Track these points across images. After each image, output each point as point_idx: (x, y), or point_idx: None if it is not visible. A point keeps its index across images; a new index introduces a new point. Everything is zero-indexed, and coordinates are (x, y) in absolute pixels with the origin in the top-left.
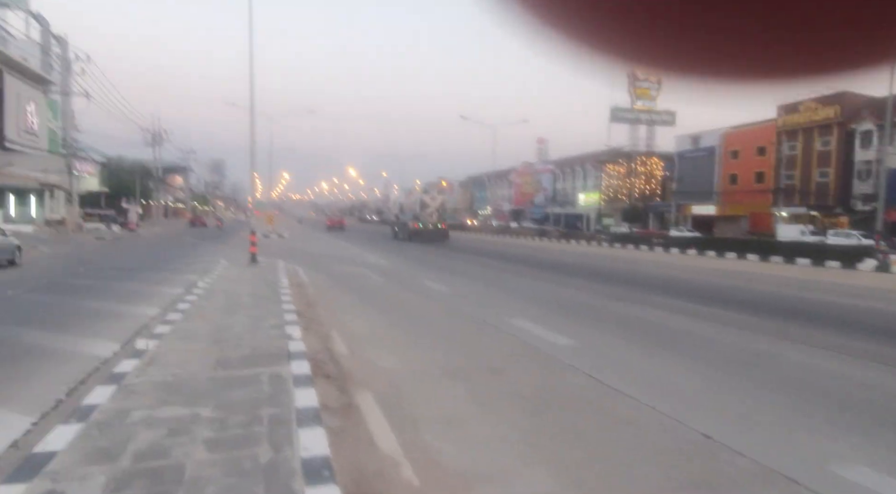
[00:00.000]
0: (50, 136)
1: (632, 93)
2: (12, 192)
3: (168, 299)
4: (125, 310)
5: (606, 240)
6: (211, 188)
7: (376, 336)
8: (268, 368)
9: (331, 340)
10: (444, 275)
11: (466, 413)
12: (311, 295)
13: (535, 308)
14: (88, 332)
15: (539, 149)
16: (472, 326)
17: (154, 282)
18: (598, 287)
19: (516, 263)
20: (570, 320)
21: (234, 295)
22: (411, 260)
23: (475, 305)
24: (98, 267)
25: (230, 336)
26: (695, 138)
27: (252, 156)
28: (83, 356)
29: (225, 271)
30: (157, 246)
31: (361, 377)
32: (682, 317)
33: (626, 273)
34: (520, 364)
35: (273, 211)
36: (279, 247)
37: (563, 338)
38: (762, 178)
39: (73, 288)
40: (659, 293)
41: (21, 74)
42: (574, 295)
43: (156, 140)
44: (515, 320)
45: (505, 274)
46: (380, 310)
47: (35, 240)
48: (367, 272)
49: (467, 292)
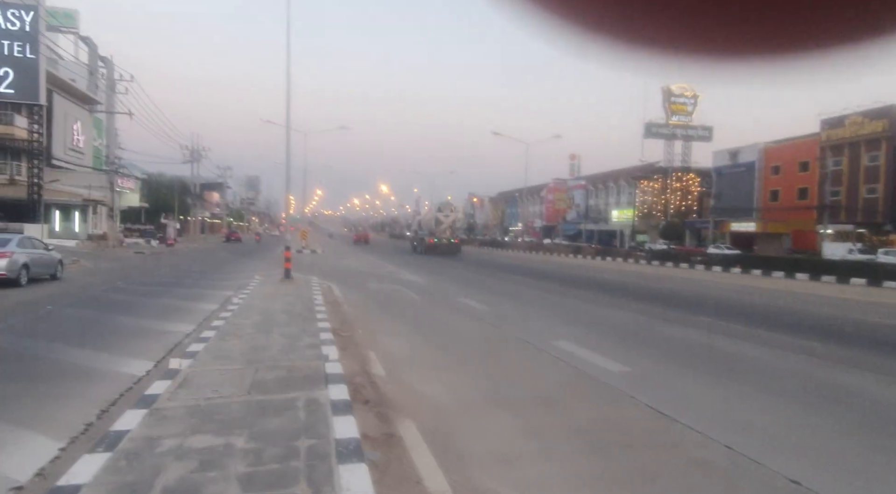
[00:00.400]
0: (94, 154)
1: (667, 109)
2: (57, 208)
3: (203, 315)
4: (160, 327)
5: (644, 258)
6: (246, 204)
7: (416, 357)
8: (304, 392)
9: (368, 362)
10: (482, 294)
11: (520, 449)
12: (347, 313)
13: (579, 329)
14: (123, 350)
15: (571, 165)
16: (515, 348)
17: (190, 298)
18: (642, 306)
19: (553, 281)
20: (618, 343)
21: (269, 313)
22: (446, 277)
23: (516, 325)
24: (136, 282)
25: (265, 356)
26: (733, 153)
27: (287, 174)
28: (116, 375)
29: (259, 287)
30: (193, 261)
31: (402, 403)
32: (741, 342)
33: (670, 292)
34: (573, 393)
35: (306, 227)
36: (312, 262)
37: (615, 364)
38: (805, 194)
39: (111, 304)
40: (709, 314)
41: (69, 94)
42: (618, 315)
43: (194, 157)
44: (561, 342)
45: (544, 293)
46: (417, 330)
47: (77, 255)
48: (402, 289)
49: (506, 311)
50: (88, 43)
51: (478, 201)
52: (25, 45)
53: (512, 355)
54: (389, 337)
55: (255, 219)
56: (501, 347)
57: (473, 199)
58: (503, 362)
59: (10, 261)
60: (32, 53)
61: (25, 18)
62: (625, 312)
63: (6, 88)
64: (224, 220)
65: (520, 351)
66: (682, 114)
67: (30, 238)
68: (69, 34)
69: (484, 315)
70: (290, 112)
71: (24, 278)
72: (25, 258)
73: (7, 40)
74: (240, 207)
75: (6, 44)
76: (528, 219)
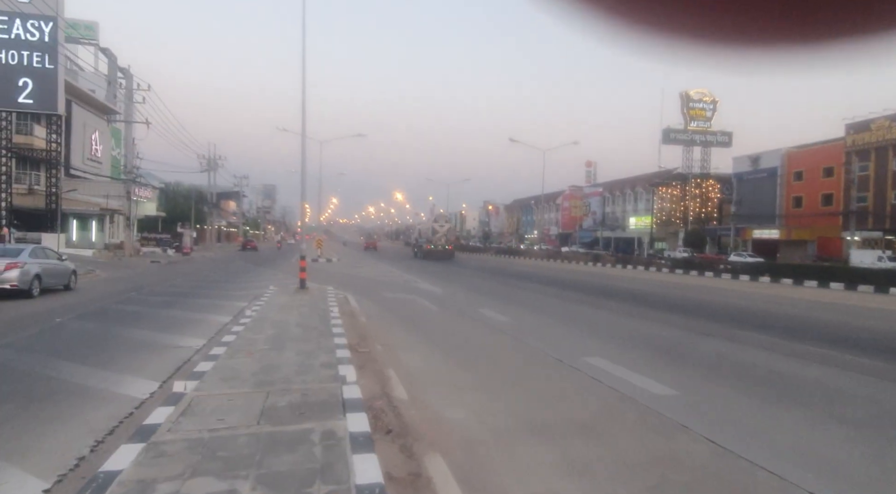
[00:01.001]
0: (113, 163)
1: (685, 115)
2: (75, 217)
3: (215, 329)
4: (170, 341)
5: (666, 266)
6: (262, 212)
7: (439, 376)
8: (320, 423)
9: (389, 382)
10: (502, 304)
11: (565, 491)
12: (364, 326)
13: (610, 344)
14: (128, 368)
15: (587, 172)
16: (545, 366)
17: (203, 309)
18: (674, 318)
19: (575, 290)
20: (656, 361)
21: (283, 326)
22: (464, 286)
23: (543, 340)
24: (149, 293)
25: (277, 377)
26: (754, 159)
27: (302, 182)
28: (118, 397)
29: (274, 298)
30: (209, 270)
31: (428, 433)
32: (792, 360)
33: (700, 303)
34: (616, 420)
35: (321, 235)
36: (328, 271)
37: (659, 385)
38: (830, 201)
39: (121, 316)
40: (751, 328)
41: (87, 104)
42: (649, 328)
43: (211, 166)
44: (593, 359)
45: (567, 303)
46: (438, 344)
47: (93, 264)
48: (419, 300)
49: (530, 324)
50: (108, 54)
51: (493, 209)
52: (45, 55)
53: (542, 373)
54: (409, 353)
55: (270, 228)
56: (529, 364)
57: (489, 207)
58: (533, 381)
59: (21, 272)
60: (51, 64)
61: (45, 29)
62: (656, 325)
63: (25, 98)
64: (240, 229)
65: (550, 369)
66: (700, 119)
67: (43, 248)
68: (89, 46)
69: (506, 327)
70: (306, 120)
71: (37, 289)
72: (38, 269)
73: (27, 51)
74: (256, 216)
75: (26, 54)
76: (543, 227)
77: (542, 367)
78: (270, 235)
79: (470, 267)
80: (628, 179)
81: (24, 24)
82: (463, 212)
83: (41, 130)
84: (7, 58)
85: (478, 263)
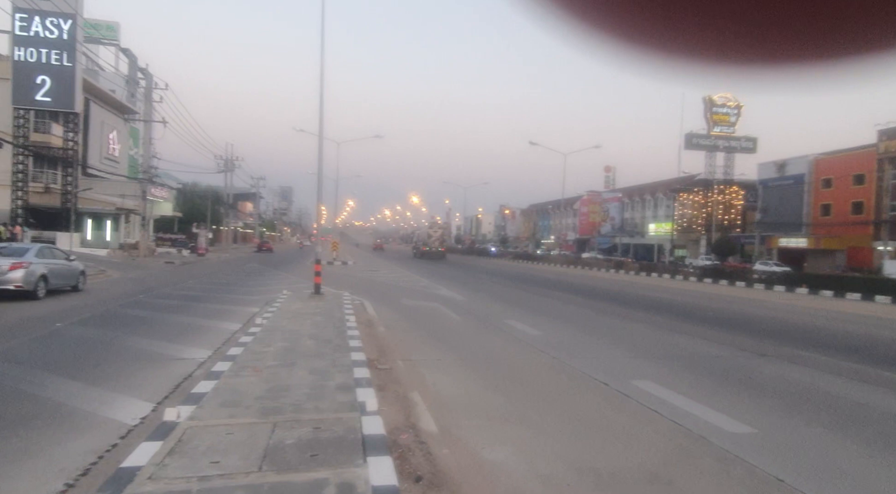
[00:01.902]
0: (130, 163)
1: (708, 120)
2: (90, 217)
3: (222, 338)
4: (172, 352)
5: (694, 275)
6: (279, 214)
7: (471, 402)
8: (335, 471)
9: (414, 409)
10: (528, 314)
11: None
12: (383, 338)
13: (659, 365)
14: (120, 385)
15: (606, 178)
16: (591, 391)
17: (211, 315)
18: (720, 334)
19: (604, 300)
20: (718, 387)
21: (295, 337)
22: (486, 294)
23: (581, 357)
24: (159, 295)
25: (286, 402)
26: (780, 165)
27: (319, 183)
28: (103, 424)
29: (287, 303)
30: (222, 272)
31: (465, 481)
32: (872, 388)
33: (744, 316)
34: (692, 468)
35: (336, 238)
36: (343, 275)
37: (731, 421)
38: (860, 209)
39: (125, 321)
40: (811, 347)
41: (106, 103)
42: (697, 346)
43: (228, 166)
44: (644, 384)
45: (598, 315)
46: (465, 360)
47: (107, 264)
48: (439, 307)
49: (562, 338)
50: (128, 54)
51: (509, 213)
52: (63, 53)
53: (588, 401)
54: (435, 371)
55: (287, 230)
56: (573, 388)
57: (505, 211)
58: (580, 411)
59: (26, 273)
60: (69, 61)
61: (63, 27)
62: (702, 342)
63: (43, 96)
64: (256, 230)
65: (596, 395)
66: (724, 124)
67: (50, 247)
68: (110, 46)
69: (537, 342)
70: (324, 120)
71: (42, 290)
72: (44, 269)
73: (45, 48)
74: (272, 217)
75: (44, 52)
76: (561, 232)
77: (587, 392)
78: (286, 237)
79: (488, 273)
80: (648, 185)
81: (43, 21)
82: (479, 216)
83: (59, 129)
84: (25, 55)
85: (495, 268)
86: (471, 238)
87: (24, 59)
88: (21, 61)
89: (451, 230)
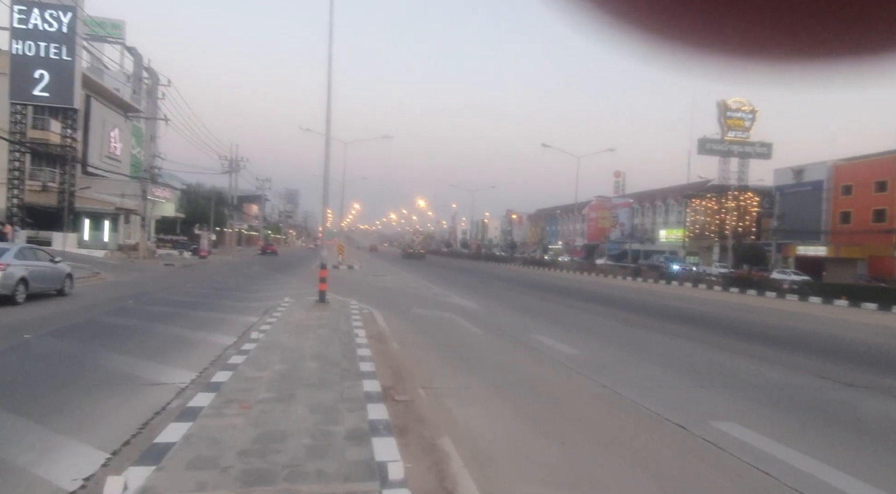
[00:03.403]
0: (132, 162)
1: (722, 124)
2: (87, 216)
3: (211, 356)
4: (148, 375)
5: (719, 283)
6: (284, 217)
7: (518, 452)
8: None
9: (448, 467)
10: (554, 328)
11: None
12: (397, 357)
13: (734, 398)
14: (72, 424)
15: (616, 183)
16: (670, 439)
17: (204, 326)
18: (784, 356)
19: (629, 310)
20: (823, 432)
21: (296, 357)
22: (502, 302)
23: (636, 386)
24: (151, 301)
25: (279, 462)
26: (797, 171)
27: (325, 183)
28: (26, 487)
29: (289, 313)
30: (223, 275)
31: None
32: None
33: (796, 332)
34: None
35: (342, 242)
36: (349, 280)
37: (863, 485)
38: (882, 216)
39: (105, 332)
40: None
41: (108, 101)
42: (767, 372)
43: (233, 167)
44: (729, 426)
45: (633, 329)
46: (499, 389)
47: (102, 267)
48: (455, 318)
49: (603, 358)
50: (134, 53)
51: (516, 218)
52: (62, 47)
53: (669, 453)
54: (464, 404)
55: (292, 233)
56: (641, 432)
57: (512, 216)
58: (665, 470)
59: (3, 275)
60: (69, 56)
61: (63, 20)
62: (769, 366)
63: (41, 91)
64: (262, 232)
65: (676, 445)
66: (738, 129)
67: (32, 248)
68: (116, 44)
69: (575, 363)
70: (331, 117)
71: (22, 295)
72: (24, 272)
73: (44, 42)
74: (278, 220)
75: (43, 46)
76: (569, 238)
77: (663, 440)
78: (292, 240)
79: (500, 279)
80: (659, 190)
81: (42, 14)
82: (485, 221)
83: (57, 126)
84: (24, 48)
85: (507, 274)
86: (477, 242)
87: (22, 52)
88: (19, 55)
89: (431, 236)
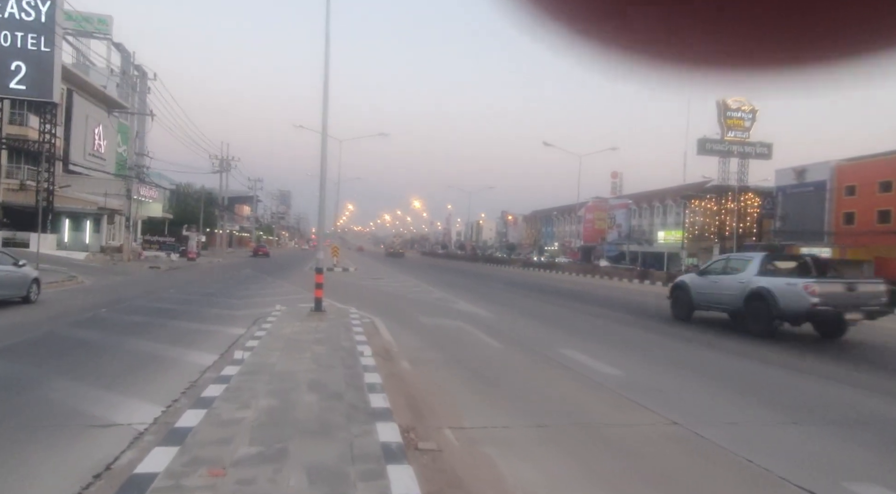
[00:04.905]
0: (119, 160)
1: (722, 124)
2: (68, 217)
3: (187, 380)
4: (97, 411)
5: None
6: (277, 218)
7: None
8: None
9: None
10: (581, 340)
11: None
12: (410, 380)
13: (850, 441)
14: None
15: (613, 184)
16: None
17: (182, 340)
18: (862, 377)
19: (650, 318)
20: None
21: (289, 387)
22: (515, 309)
23: (715, 424)
24: (126, 309)
25: None
26: (799, 172)
27: (322, 182)
28: None
29: (280, 324)
30: (211, 279)
31: None
32: None
33: (861, 345)
34: None
35: (336, 243)
36: (345, 283)
37: None
38: (887, 217)
39: (65, 348)
40: None
41: (91, 96)
42: (865, 401)
43: (223, 167)
44: (863, 489)
45: (665, 339)
46: (547, 431)
47: (81, 270)
48: (467, 328)
49: (652, 380)
50: (121, 49)
51: (511, 219)
52: (40, 37)
53: None
54: (509, 455)
55: (285, 234)
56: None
57: (507, 217)
58: None
59: None
60: (48, 47)
61: (42, 8)
62: (857, 392)
63: (17, 84)
64: (253, 234)
65: None
66: (738, 129)
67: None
68: (103, 40)
69: (625, 388)
70: (328, 111)
71: None
72: None
73: (21, 32)
74: (270, 221)
75: (20, 36)
76: (565, 239)
77: None
78: (284, 241)
79: (503, 282)
80: (657, 191)
81: (18, 2)
82: (480, 223)
83: (37, 121)
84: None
85: (508, 277)
86: (472, 244)
87: None
88: None
89: (408, 238)
